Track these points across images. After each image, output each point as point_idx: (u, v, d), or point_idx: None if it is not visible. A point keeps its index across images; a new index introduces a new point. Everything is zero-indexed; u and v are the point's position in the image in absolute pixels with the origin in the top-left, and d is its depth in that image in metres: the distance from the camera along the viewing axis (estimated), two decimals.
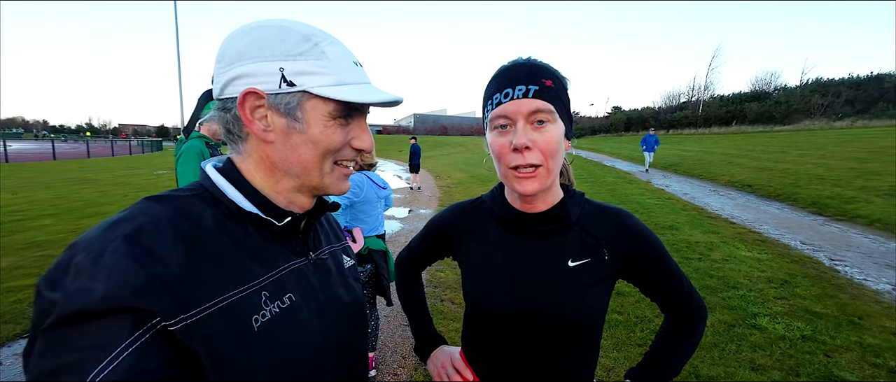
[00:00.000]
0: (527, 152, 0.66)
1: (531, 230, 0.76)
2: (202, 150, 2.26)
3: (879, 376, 2.35)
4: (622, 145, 25.75)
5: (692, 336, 0.82)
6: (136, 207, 0.48)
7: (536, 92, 0.66)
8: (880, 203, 6.59)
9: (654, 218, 6.42)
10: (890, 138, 13.40)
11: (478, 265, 0.82)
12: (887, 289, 3.63)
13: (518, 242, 0.78)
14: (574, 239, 0.75)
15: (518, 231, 0.78)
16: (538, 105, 0.66)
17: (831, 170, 9.50)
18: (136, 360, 0.39)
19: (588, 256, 0.74)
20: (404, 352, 2.68)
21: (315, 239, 0.66)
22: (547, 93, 0.67)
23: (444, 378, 0.88)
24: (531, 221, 0.76)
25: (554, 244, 0.75)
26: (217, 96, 0.55)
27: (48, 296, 0.40)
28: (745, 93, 37.10)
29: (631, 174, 12.44)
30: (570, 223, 0.75)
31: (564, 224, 0.75)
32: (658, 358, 0.83)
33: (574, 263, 0.74)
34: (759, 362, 2.50)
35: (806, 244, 5.05)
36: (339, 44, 0.55)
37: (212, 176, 0.55)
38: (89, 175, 12.74)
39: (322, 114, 0.53)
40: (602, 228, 0.76)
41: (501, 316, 0.77)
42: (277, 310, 0.53)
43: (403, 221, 6.70)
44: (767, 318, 3.04)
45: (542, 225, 0.75)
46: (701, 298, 0.84)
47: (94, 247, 0.41)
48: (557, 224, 0.75)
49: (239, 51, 0.51)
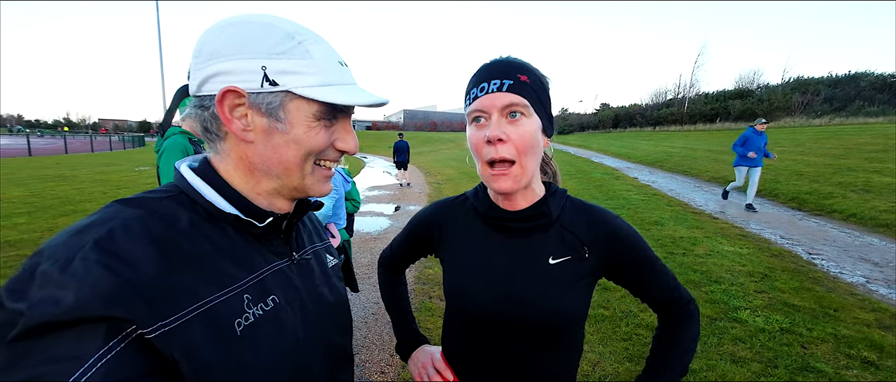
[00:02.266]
0: (500, 145, 0.67)
1: (511, 227, 0.76)
2: (186, 146, 2.19)
3: (852, 366, 2.43)
4: (610, 141, 26.08)
5: (687, 333, 0.81)
6: (105, 211, 0.46)
7: (510, 86, 0.67)
8: (855, 198, 6.82)
9: (640, 213, 6.52)
10: (865, 135, 13.86)
11: (458, 262, 0.81)
12: (861, 282, 3.76)
13: (498, 240, 0.78)
14: (554, 237, 0.75)
15: (498, 228, 0.78)
16: (512, 98, 0.67)
17: (810, 167, 9.79)
18: (111, 370, 0.37)
19: (568, 254, 0.74)
20: (392, 350, 2.67)
21: (298, 239, 0.65)
22: (522, 88, 0.68)
23: (425, 378, 0.88)
24: (511, 219, 0.76)
25: (534, 242, 0.75)
26: (194, 93, 0.53)
27: (11, 307, 0.37)
28: (729, 90, 37.82)
29: (617, 170, 12.60)
30: (551, 220, 0.75)
31: (544, 221, 0.75)
32: (660, 361, 0.81)
33: (554, 261, 0.73)
34: (740, 354, 2.56)
35: (785, 238, 5.19)
36: (323, 43, 0.54)
37: (187, 176, 0.53)
38: (66, 171, 12.32)
39: (306, 115, 0.52)
40: (582, 226, 0.75)
41: (480, 315, 0.76)
42: (261, 313, 0.51)
43: (392, 218, 6.67)
44: (748, 311, 3.12)
45: (522, 222, 0.75)
46: (689, 293, 0.83)
47: (62, 254, 0.39)
48: (537, 221, 0.75)
49: (218, 46, 0.49)
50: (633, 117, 40.69)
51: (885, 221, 5.67)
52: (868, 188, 7.30)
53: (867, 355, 2.53)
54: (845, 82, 32.86)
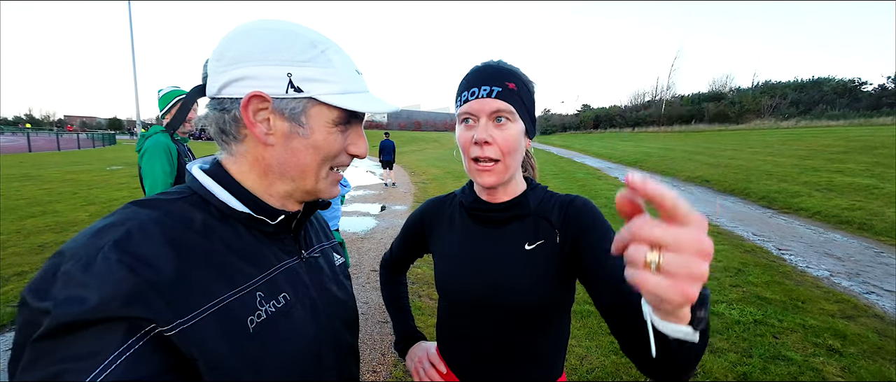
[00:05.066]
0: (486, 146, 0.72)
1: (491, 218, 0.81)
2: (168, 146, 2.15)
3: (819, 354, 2.60)
4: (591, 142, 26.65)
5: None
6: (121, 212, 0.47)
7: (499, 93, 0.72)
8: (819, 197, 7.22)
9: None
10: (828, 138, 14.67)
11: (444, 253, 0.87)
12: (826, 275, 4.00)
13: (478, 230, 0.83)
14: (530, 225, 0.79)
15: (480, 220, 0.83)
16: (499, 105, 0.71)
17: (778, 167, 10.29)
18: (129, 368, 0.38)
19: (541, 238, 0.77)
20: (383, 349, 2.68)
21: (306, 238, 0.67)
22: (509, 95, 0.72)
23: (421, 372, 0.91)
24: (492, 210, 0.81)
25: (511, 229, 0.80)
26: (213, 95, 0.53)
27: (37, 306, 0.38)
28: (703, 93, 39.31)
29: (599, 170, 12.92)
30: (528, 211, 0.79)
31: (522, 212, 0.79)
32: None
33: (530, 246, 0.77)
34: (717, 345, 2.69)
35: (757, 235, 5.46)
36: (342, 52, 0.56)
37: (199, 178, 0.54)
38: (31, 171, 11.68)
39: (326, 121, 0.54)
40: (555, 212, 0.78)
41: (463, 301, 0.81)
42: (273, 310, 0.53)
43: (378, 218, 6.63)
44: (724, 304, 3.28)
45: (501, 213, 0.80)
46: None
47: (83, 254, 0.40)
48: (516, 212, 0.79)
49: (242, 52, 0.51)
50: (613, 118, 41.75)
51: (846, 218, 6.04)
52: (831, 187, 7.74)
53: (832, 343, 2.70)
54: (810, 87, 34.61)
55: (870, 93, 31.55)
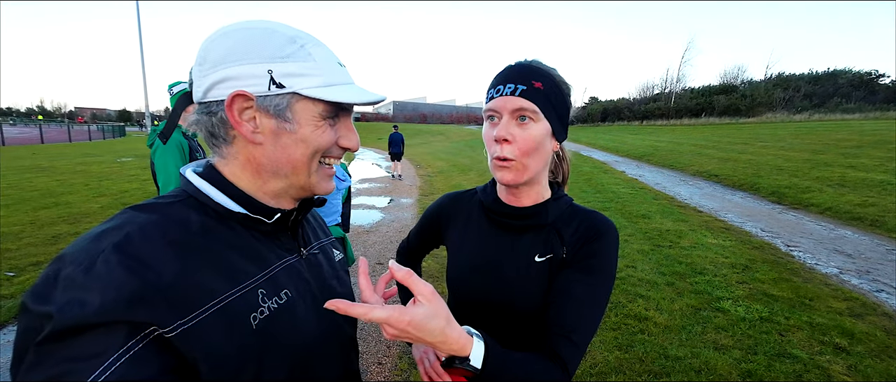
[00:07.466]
0: (505, 144, 0.72)
1: (507, 223, 0.80)
2: (181, 142, 2.19)
3: (826, 352, 2.58)
4: (599, 135, 26.37)
5: (538, 371, 0.61)
6: (120, 217, 0.47)
7: (523, 91, 0.71)
8: (831, 193, 7.10)
9: (628, 207, 6.67)
10: (842, 132, 14.36)
11: (456, 251, 0.87)
12: (835, 273, 3.95)
13: (493, 233, 0.82)
14: (545, 237, 0.78)
15: (496, 223, 0.82)
16: (521, 103, 0.71)
17: (789, 161, 10.11)
18: (129, 370, 0.38)
19: (551, 252, 0.77)
20: (388, 342, 2.71)
21: (304, 236, 0.67)
22: (534, 94, 0.71)
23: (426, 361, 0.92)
24: (509, 215, 0.80)
25: (524, 239, 0.79)
26: (199, 100, 0.54)
27: (38, 310, 0.39)
28: (714, 85, 38.55)
29: (606, 164, 12.79)
30: (545, 222, 0.78)
31: (539, 222, 0.78)
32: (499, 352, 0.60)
33: (540, 259, 0.77)
34: (722, 342, 2.68)
35: (765, 231, 5.39)
36: (323, 45, 0.56)
37: (194, 181, 0.55)
38: (44, 162, 11.90)
39: (312, 115, 0.54)
40: (571, 228, 0.77)
41: (470, 302, 0.82)
42: (275, 307, 0.53)
43: (384, 211, 6.67)
44: (730, 301, 3.26)
45: (519, 219, 0.79)
46: (577, 360, 0.66)
47: (84, 258, 0.41)
48: (533, 220, 0.78)
49: (222, 53, 0.51)
50: (621, 111, 41.19)
51: (858, 215, 5.93)
52: (843, 183, 7.60)
53: (839, 341, 2.68)
54: (825, 79, 33.78)
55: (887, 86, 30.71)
